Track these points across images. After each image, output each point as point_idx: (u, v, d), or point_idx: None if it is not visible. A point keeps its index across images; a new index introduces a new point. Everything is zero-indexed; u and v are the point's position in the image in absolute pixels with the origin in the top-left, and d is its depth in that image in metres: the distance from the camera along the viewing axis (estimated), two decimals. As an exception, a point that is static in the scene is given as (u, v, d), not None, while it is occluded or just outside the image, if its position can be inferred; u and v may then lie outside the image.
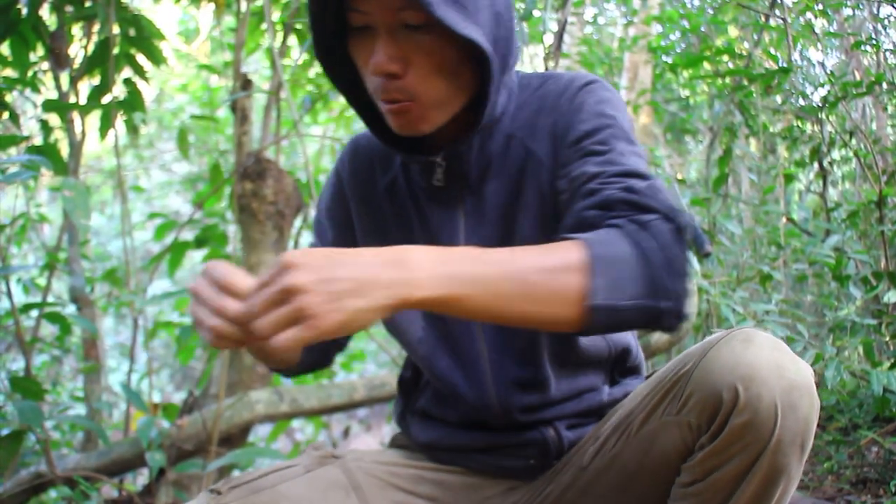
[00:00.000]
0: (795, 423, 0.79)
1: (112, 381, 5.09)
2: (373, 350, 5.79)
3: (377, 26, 0.90)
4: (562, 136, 0.98)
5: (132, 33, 2.48)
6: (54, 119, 2.73)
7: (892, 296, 2.31)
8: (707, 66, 3.33)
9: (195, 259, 5.08)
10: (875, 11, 3.23)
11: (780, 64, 3.08)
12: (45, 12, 2.46)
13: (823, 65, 3.61)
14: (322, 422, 3.88)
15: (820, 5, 3.08)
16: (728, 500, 0.83)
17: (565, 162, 0.97)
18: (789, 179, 3.21)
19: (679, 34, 3.75)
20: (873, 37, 3.13)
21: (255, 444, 3.53)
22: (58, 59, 2.53)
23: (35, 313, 2.67)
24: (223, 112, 4.75)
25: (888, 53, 3.10)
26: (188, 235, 3.16)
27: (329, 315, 0.70)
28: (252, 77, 3.10)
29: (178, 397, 6.31)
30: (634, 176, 0.89)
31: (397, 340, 1.14)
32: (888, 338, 2.55)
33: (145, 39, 2.49)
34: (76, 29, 2.68)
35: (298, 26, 3.01)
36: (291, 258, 0.72)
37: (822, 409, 2.28)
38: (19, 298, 2.70)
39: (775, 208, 2.94)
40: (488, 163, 1.02)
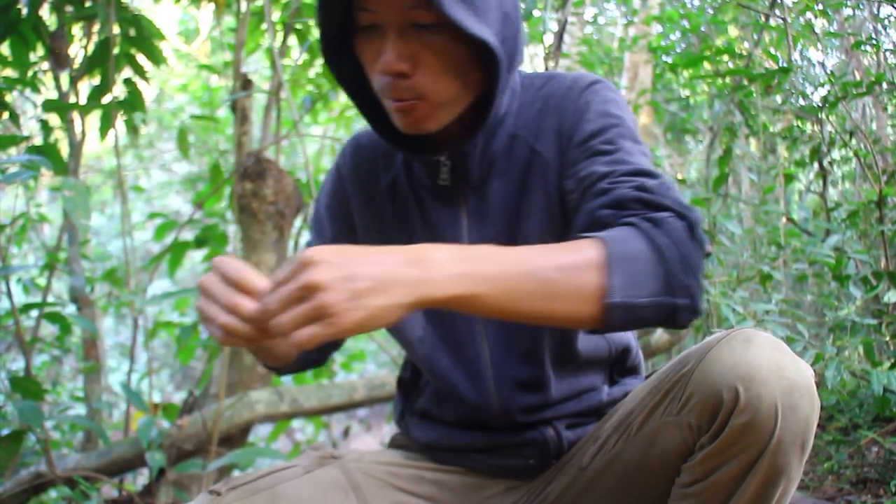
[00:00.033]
0: (796, 424, 0.79)
1: (112, 381, 5.10)
2: (373, 350, 5.79)
3: (386, 25, 0.90)
4: (568, 137, 0.99)
5: (132, 33, 2.48)
6: (54, 119, 2.73)
7: (893, 296, 2.30)
8: (707, 66, 3.33)
9: (195, 259, 5.08)
10: (875, 11, 3.23)
11: (780, 64, 3.08)
12: (45, 12, 2.46)
13: (823, 65, 3.61)
14: (322, 422, 3.88)
15: (820, 5, 3.08)
16: (728, 501, 0.83)
17: (572, 162, 0.97)
18: (789, 179, 3.21)
19: (679, 34, 3.74)
20: (873, 37, 3.13)
21: (255, 444, 3.53)
22: (58, 59, 2.53)
23: (35, 313, 2.67)
24: (223, 112, 4.75)
25: (888, 53, 3.10)
26: (188, 235, 3.16)
27: (350, 313, 0.70)
28: (252, 77, 3.10)
29: (178, 397, 6.31)
30: (644, 175, 0.89)
31: (397, 340, 1.13)
32: (888, 338, 2.55)
33: (145, 39, 2.49)
34: (76, 29, 2.68)
35: (298, 26, 3.01)
36: (311, 255, 0.71)
37: (823, 409, 2.28)
38: (19, 298, 2.70)
39: (775, 208, 2.94)
40: (491, 162, 1.02)
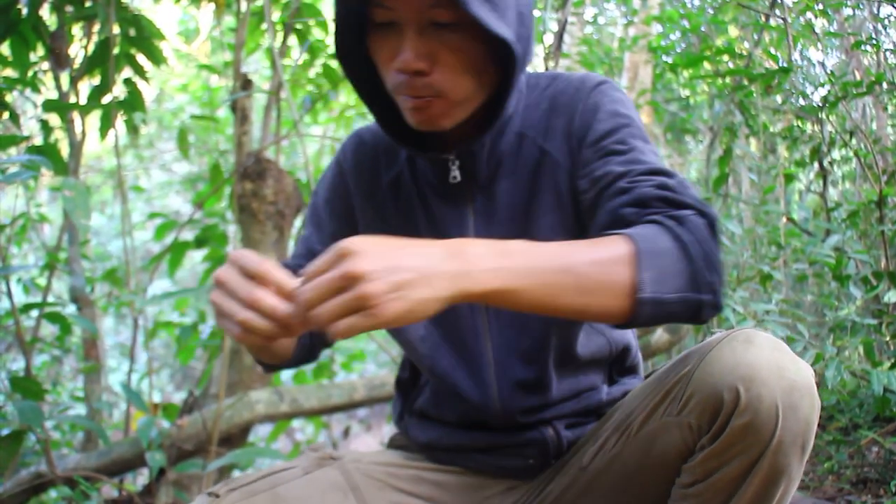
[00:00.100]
0: (796, 424, 0.79)
1: (112, 381, 5.09)
2: (373, 350, 5.78)
3: (403, 23, 0.89)
4: (579, 137, 0.99)
5: (132, 33, 2.47)
6: (54, 119, 2.73)
7: (893, 295, 2.30)
8: (707, 66, 3.33)
9: (195, 259, 5.09)
10: (875, 11, 3.23)
11: (781, 64, 3.07)
12: (46, 12, 2.46)
13: (823, 65, 3.60)
14: (322, 422, 3.88)
15: (820, 5, 3.07)
16: (729, 501, 0.83)
17: (585, 162, 0.97)
18: (789, 179, 3.20)
19: (679, 34, 3.74)
20: (873, 36, 3.12)
21: (255, 444, 3.53)
22: (58, 59, 2.53)
23: (35, 313, 2.67)
24: (223, 112, 4.75)
25: (888, 53, 3.10)
26: (188, 235, 3.16)
27: (391, 304, 0.69)
28: (252, 77, 3.10)
29: (178, 397, 6.31)
30: (662, 174, 0.91)
31: (396, 339, 1.13)
32: (888, 337, 2.55)
33: (145, 39, 2.49)
34: (76, 29, 2.68)
35: (298, 26, 3.01)
36: (350, 244, 0.71)
37: (823, 409, 2.28)
38: (19, 298, 2.69)
39: (775, 208, 2.94)
40: (499, 162, 1.03)
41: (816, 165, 3.03)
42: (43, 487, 2.36)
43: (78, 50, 2.71)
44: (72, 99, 2.67)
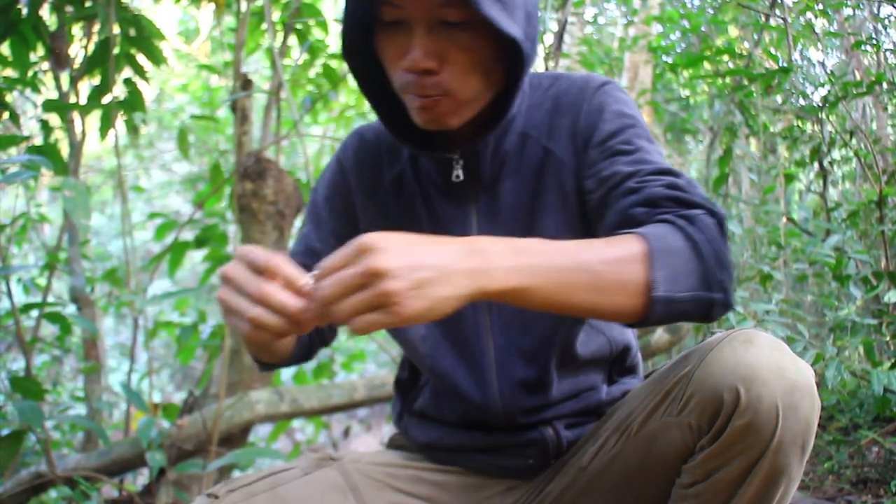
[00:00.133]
0: (796, 424, 0.79)
1: (112, 381, 5.10)
2: (373, 350, 5.78)
3: (412, 21, 0.89)
4: (584, 137, 0.99)
5: (132, 33, 2.47)
6: (54, 119, 2.73)
7: (893, 296, 2.30)
8: (707, 66, 3.33)
9: (195, 259, 5.09)
10: (875, 11, 3.23)
11: (781, 64, 3.07)
12: (46, 12, 2.46)
13: (824, 64, 3.60)
14: (322, 422, 3.88)
15: (820, 5, 3.07)
16: (729, 501, 0.83)
17: (591, 162, 0.98)
18: (789, 179, 3.21)
19: (679, 34, 3.74)
20: (873, 36, 3.12)
21: (256, 444, 3.53)
22: (58, 59, 2.53)
23: (35, 313, 2.67)
24: (223, 112, 4.75)
25: (888, 53, 3.10)
26: (188, 235, 3.16)
27: (412, 302, 0.69)
28: (252, 77, 3.10)
29: (179, 397, 6.31)
30: (669, 174, 0.91)
31: (396, 338, 1.13)
32: (889, 338, 2.55)
33: (145, 39, 2.49)
34: (76, 29, 2.68)
35: (298, 26, 3.01)
36: (372, 240, 0.70)
37: (823, 409, 2.28)
38: (19, 298, 2.69)
39: (775, 208, 2.94)
40: (503, 161, 1.03)
41: (816, 165, 3.03)
42: (43, 487, 2.36)
43: (78, 50, 2.71)
44: (72, 99, 2.67)
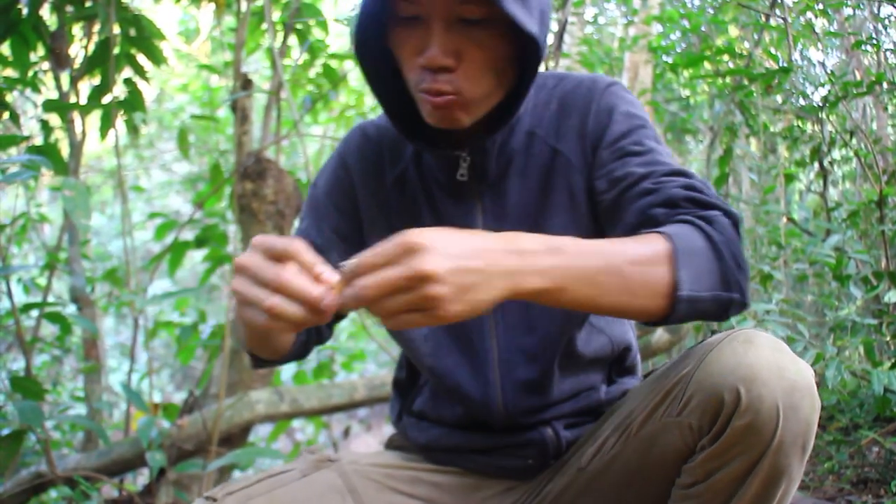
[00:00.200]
0: (797, 424, 0.79)
1: (112, 381, 5.10)
2: (373, 350, 5.79)
3: (430, 18, 0.88)
4: (594, 137, 1.00)
5: (133, 33, 2.47)
6: (55, 119, 2.73)
7: (893, 296, 2.30)
8: (707, 66, 3.33)
9: (195, 259, 5.08)
10: (875, 11, 3.23)
11: (781, 64, 3.07)
12: (46, 12, 2.46)
13: (824, 64, 3.60)
14: (322, 422, 3.88)
15: (820, 5, 3.07)
16: (729, 502, 0.83)
17: (602, 163, 0.98)
18: (790, 179, 3.21)
19: (679, 34, 3.74)
20: (874, 36, 3.12)
21: (256, 444, 3.53)
22: (58, 59, 2.53)
23: (35, 313, 2.67)
24: (223, 112, 4.75)
25: (888, 53, 3.10)
26: (188, 235, 3.16)
27: (453, 306, 0.69)
28: (252, 77, 3.09)
29: (179, 397, 6.31)
30: (683, 175, 0.92)
31: (395, 337, 1.12)
32: (889, 337, 2.55)
33: (146, 39, 2.49)
34: (77, 29, 2.67)
35: (298, 26, 3.01)
36: (419, 239, 0.68)
37: (823, 409, 2.28)
38: (20, 298, 2.70)
39: (776, 208, 2.94)
40: (509, 160, 1.02)
41: (817, 165, 3.03)
42: (43, 487, 2.36)
43: (78, 50, 2.71)
44: (72, 99, 2.67)
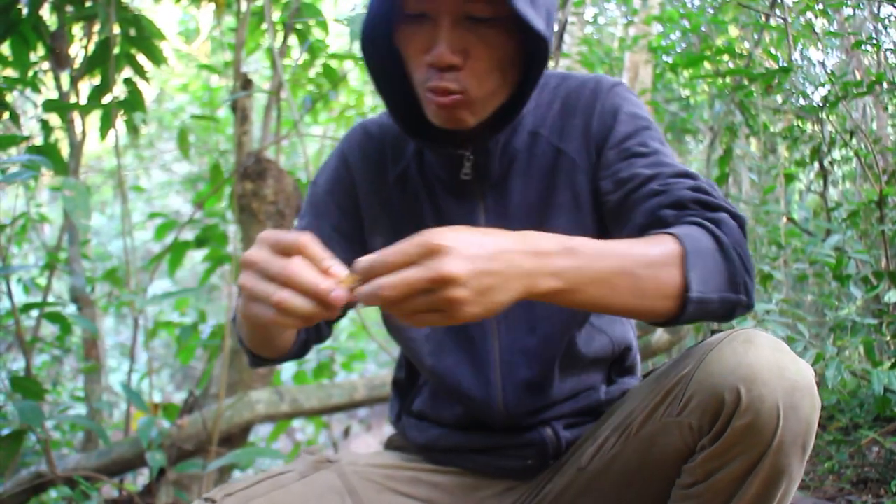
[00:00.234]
0: (797, 424, 0.79)
1: (112, 381, 5.10)
2: (373, 350, 5.79)
3: (438, 15, 0.88)
4: (599, 138, 1.00)
5: (133, 33, 2.47)
6: (55, 119, 2.73)
7: (893, 295, 2.30)
8: (707, 66, 3.33)
9: (195, 259, 5.08)
10: (875, 11, 3.23)
11: (781, 63, 3.07)
12: (46, 12, 2.46)
13: (824, 64, 3.60)
14: (322, 422, 3.87)
15: (820, 5, 3.07)
16: (729, 502, 0.83)
17: (607, 163, 0.98)
18: (790, 179, 3.21)
19: (679, 34, 3.74)
20: (874, 36, 3.12)
21: (256, 444, 3.53)
22: (58, 59, 2.53)
23: (35, 313, 2.67)
24: (223, 112, 4.75)
25: (889, 53, 3.10)
26: (188, 235, 3.16)
27: (472, 308, 0.69)
28: (252, 77, 3.09)
29: (179, 397, 6.31)
30: (690, 177, 0.92)
31: (395, 336, 1.12)
32: (889, 337, 2.55)
33: (146, 39, 2.49)
34: (77, 29, 2.67)
35: (298, 26, 3.01)
36: (441, 240, 0.68)
37: (823, 409, 2.28)
38: (20, 298, 2.70)
39: (776, 208, 2.94)
40: (512, 159, 1.02)
41: (817, 165, 3.03)
42: (43, 487, 2.36)
43: (78, 50, 2.71)
44: (72, 99, 2.67)
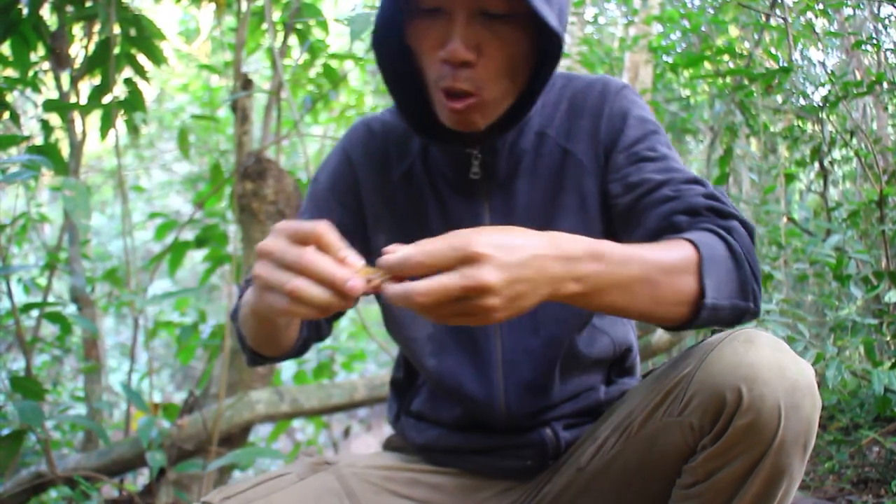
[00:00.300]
0: (798, 424, 0.79)
1: (112, 381, 5.10)
2: (373, 350, 5.78)
3: (452, 11, 0.87)
4: (608, 141, 1.00)
5: (133, 33, 2.47)
6: (55, 119, 2.73)
7: (893, 295, 2.30)
8: (708, 66, 3.33)
9: (195, 259, 5.09)
10: (876, 11, 3.23)
11: (781, 63, 3.07)
12: (46, 12, 2.46)
13: (824, 64, 3.60)
14: (322, 422, 3.88)
15: (820, 5, 3.07)
16: (730, 502, 0.83)
17: (616, 167, 0.98)
18: (790, 179, 3.20)
19: (679, 34, 3.74)
20: (874, 36, 3.12)
21: (256, 444, 3.53)
22: (58, 59, 2.53)
23: (35, 313, 2.67)
24: (223, 112, 4.75)
25: (889, 53, 3.10)
26: (188, 235, 3.16)
27: (500, 314, 0.69)
28: (252, 77, 3.09)
29: (179, 397, 6.31)
30: (700, 183, 0.93)
31: (396, 336, 1.12)
32: (889, 337, 2.55)
33: (146, 39, 2.49)
34: (77, 29, 2.67)
35: (299, 26, 3.01)
36: (477, 247, 0.67)
37: (824, 409, 2.28)
38: (20, 298, 2.70)
39: (776, 208, 2.94)
40: (518, 159, 1.02)
41: (817, 165, 3.03)
42: (43, 487, 2.36)
43: (78, 50, 2.70)
44: (72, 99, 2.67)
